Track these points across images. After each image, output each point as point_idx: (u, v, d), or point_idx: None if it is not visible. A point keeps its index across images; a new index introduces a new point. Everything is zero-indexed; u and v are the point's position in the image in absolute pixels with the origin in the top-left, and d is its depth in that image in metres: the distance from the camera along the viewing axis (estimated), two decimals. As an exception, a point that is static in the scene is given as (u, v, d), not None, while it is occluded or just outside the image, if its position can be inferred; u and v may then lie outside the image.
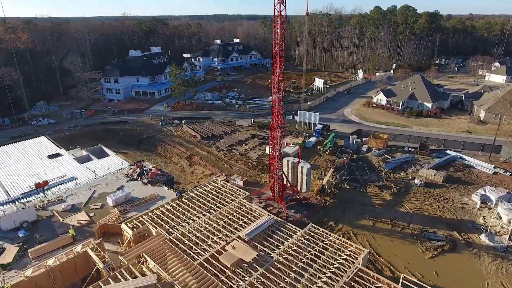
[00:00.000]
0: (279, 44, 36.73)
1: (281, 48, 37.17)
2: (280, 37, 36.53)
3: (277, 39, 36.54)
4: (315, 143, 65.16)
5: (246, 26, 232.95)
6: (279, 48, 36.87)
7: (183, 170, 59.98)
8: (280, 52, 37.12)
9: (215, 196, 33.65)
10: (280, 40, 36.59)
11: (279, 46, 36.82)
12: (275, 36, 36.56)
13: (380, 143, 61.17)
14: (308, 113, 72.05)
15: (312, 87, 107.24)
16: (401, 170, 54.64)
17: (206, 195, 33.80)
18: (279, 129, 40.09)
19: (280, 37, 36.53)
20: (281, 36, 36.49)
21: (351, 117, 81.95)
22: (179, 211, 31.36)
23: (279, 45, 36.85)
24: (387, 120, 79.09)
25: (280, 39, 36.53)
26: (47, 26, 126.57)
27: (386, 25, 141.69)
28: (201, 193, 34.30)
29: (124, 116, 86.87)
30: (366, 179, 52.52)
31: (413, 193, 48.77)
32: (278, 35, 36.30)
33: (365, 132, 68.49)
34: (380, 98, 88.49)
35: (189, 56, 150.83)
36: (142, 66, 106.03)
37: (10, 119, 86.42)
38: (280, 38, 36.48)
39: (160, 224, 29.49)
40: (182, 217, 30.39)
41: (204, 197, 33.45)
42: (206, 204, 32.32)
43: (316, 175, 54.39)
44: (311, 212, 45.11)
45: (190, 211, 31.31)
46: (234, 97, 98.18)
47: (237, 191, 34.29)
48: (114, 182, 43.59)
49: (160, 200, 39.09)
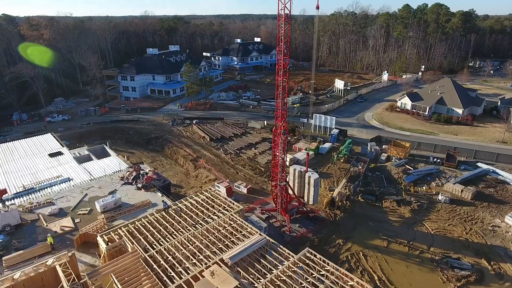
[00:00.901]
0: (283, 41, 32.86)
1: (285, 45, 33.28)
2: (285, 33, 32.66)
3: (281, 35, 32.68)
4: (329, 149, 60.53)
5: (269, 25, 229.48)
6: (283, 45, 32.99)
7: (187, 173, 57.27)
8: (284, 49, 33.23)
9: (206, 208, 30.33)
10: (284, 37, 32.71)
11: (283, 43, 32.93)
12: (279, 32, 32.73)
13: (401, 152, 55.68)
14: (324, 116, 67.40)
15: (332, 89, 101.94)
16: (423, 183, 49.11)
17: (195, 207, 30.56)
18: (282, 135, 36.17)
19: (285, 33, 32.66)
20: (286, 32, 32.61)
21: (371, 122, 76.34)
22: (162, 224, 28.28)
23: (283, 42, 32.98)
24: (412, 126, 72.90)
25: (285, 35, 32.66)
26: (70, 24, 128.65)
27: (416, 24, 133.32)
28: (191, 204, 31.10)
29: (137, 114, 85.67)
30: (383, 192, 47.52)
31: (436, 211, 43.34)
32: (283, 31, 32.43)
33: (385, 139, 63.03)
34: (405, 102, 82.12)
35: (209, 55, 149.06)
36: (159, 64, 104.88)
37: (28, 114, 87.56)
38: (284, 35, 32.61)
39: (139, 238, 26.50)
40: (164, 231, 27.27)
41: (193, 208, 30.23)
42: (193, 217, 29.07)
43: (328, 185, 49.96)
44: (318, 227, 40.91)
45: (175, 224, 28.14)
46: (249, 97, 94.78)
47: (230, 204, 30.79)
48: (108, 185, 41.32)
49: (151, 207, 36.31)
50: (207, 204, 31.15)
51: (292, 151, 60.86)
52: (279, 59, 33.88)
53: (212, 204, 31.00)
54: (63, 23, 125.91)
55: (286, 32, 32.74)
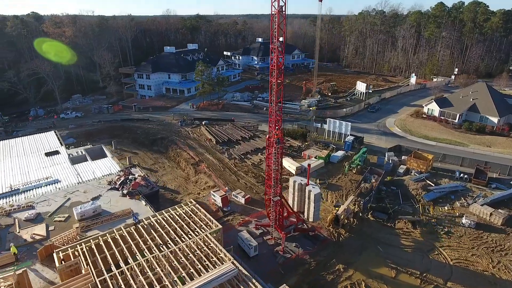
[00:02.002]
0: (277, 37, 28.71)
1: (280, 42, 29.13)
2: (279, 27, 28.51)
3: (275, 30, 28.56)
4: (342, 158, 55.37)
5: (296, 25, 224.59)
6: (277, 42, 28.85)
7: (187, 178, 54.33)
8: (278, 47, 29.10)
9: (180, 225, 26.89)
10: (278, 32, 28.56)
11: (277, 39, 28.78)
12: (273, 25, 28.63)
13: (422, 165, 49.61)
14: (338, 122, 62.16)
15: (353, 92, 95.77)
16: (445, 202, 43.05)
17: (169, 223, 27.18)
18: (276, 145, 31.99)
19: (279, 27, 28.51)
20: (280, 25, 28.45)
21: (393, 128, 69.99)
22: (127, 242, 25.12)
23: (277, 39, 28.84)
24: (438, 135, 65.94)
25: (279, 30, 28.51)
26: (94, 22, 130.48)
27: (450, 23, 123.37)
28: (165, 218, 27.76)
29: (148, 113, 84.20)
30: (397, 210, 42.08)
31: (457, 237, 37.44)
32: (277, 24, 28.28)
33: (406, 149, 56.93)
34: (432, 108, 74.90)
35: (229, 54, 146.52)
36: (175, 63, 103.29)
37: (45, 110, 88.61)
38: (279, 29, 28.46)
39: (97, 258, 23.46)
40: (126, 251, 24.06)
41: (166, 225, 26.87)
42: (163, 236, 25.69)
43: (335, 199, 45.11)
44: (318, 247, 36.37)
45: (140, 244, 24.88)
46: (264, 99, 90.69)
47: (208, 222, 27.11)
48: (94, 189, 38.98)
49: (131, 217, 33.32)
50: (183, 220, 27.68)
51: (301, 158, 56.38)
52: (272, 58, 29.72)
53: (188, 221, 27.50)
54: (87, 21, 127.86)
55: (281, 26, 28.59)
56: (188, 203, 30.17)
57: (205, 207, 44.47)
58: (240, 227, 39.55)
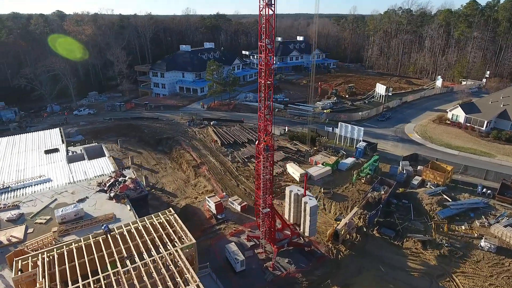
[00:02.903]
0: (265, 34, 25.86)
1: (270, 39, 26.27)
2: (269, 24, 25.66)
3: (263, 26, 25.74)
4: (352, 166, 51.57)
5: (320, 24, 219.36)
6: (265, 40, 26.00)
7: (187, 180, 52.44)
8: (266, 44, 26.25)
9: (152, 238, 24.66)
10: (266, 27, 25.70)
11: (266, 36, 25.93)
12: (261, 20, 25.81)
13: (440, 177, 44.95)
14: (350, 126, 58.16)
15: (372, 94, 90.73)
16: (463, 220, 38.49)
17: (141, 234, 25.03)
18: (264, 152, 29.10)
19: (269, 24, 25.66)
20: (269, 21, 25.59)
21: (412, 135, 64.97)
22: (91, 254, 23.17)
23: (265, 36, 25.99)
24: (462, 143, 60.40)
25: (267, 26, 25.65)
26: (114, 20, 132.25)
27: (483, 23, 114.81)
28: (137, 229, 25.63)
29: (159, 112, 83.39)
30: (406, 227, 38.05)
31: (474, 262, 33.04)
32: (265, 19, 25.43)
33: (423, 158, 52.24)
34: (457, 114, 69.05)
35: (248, 53, 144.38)
36: (189, 62, 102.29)
37: (61, 107, 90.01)
38: (267, 24, 25.61)
39: (56, 271, 21.63)
40: (85, 266, 22.10)
41: (137, 236, 24.72)
42: (131, 249, 23.54)
43: (338, 211, 41.58)
44: (313, 265, 33.16)
45: (104, 256, 22.87)
46: (278, 99, 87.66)
47: (183, 236, 24.67)
48: (83, 191, 37.69)
49: (114, 222, 31.58)
50: (156, 231, 25.44)
51: (307, 164, 53.06)
52: (261, 57, 26.89)
53: (161, 233, 25.21)
54: (108, 20, 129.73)
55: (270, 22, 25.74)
56: (167, 212, 27.94)
57: (199, 214, 42.44)
58: (231, 237, 37.01)
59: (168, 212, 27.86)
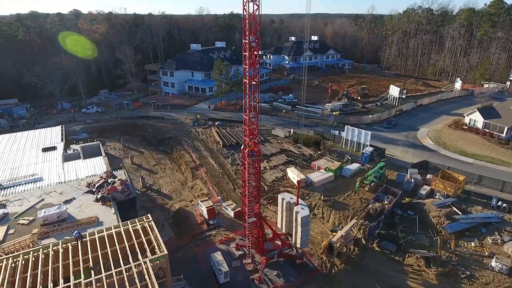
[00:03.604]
0: (248, 31, 23.85)
1: (254, 36, 24.27)
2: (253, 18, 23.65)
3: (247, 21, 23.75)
4: (356, 172, 48.85)
5: (337, 24, 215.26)
6: (249, 36, 24.01)
7: (185, 182, 51.09)
8: (250, 42, 24.27)
9: (123, 246, 23.16)
10: (252, 23, 23.71)
11: (249, 33, 23.93)
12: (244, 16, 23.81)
13: (450, 187, 41.64)
14: (357, 129, 55.27)
15: (385, 96, 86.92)
16: (473, 236, 35.29)
17: (112, 242, 23.57)
18: (250, 158, 27.10)
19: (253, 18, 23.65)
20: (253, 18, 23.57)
21: (424, 140, 61.29)
22: (55, 262, 21.88)
23: (249, 32, 23.99)
24: (478, 151, 56.37)
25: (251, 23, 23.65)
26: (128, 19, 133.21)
27: (508, 23, 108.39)
28: (110, 236, 24.20)
29: (166, 111, 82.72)
30: (410, 241, 35.21)
31: (483, 283, 29.99)
32: (248, 14, 23.42)
33: (434, 166, 48.82)
34: (475, 119, 64.77)
35: (261, 53, 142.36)
36: (199, 61, 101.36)
37: (71, 104, 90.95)
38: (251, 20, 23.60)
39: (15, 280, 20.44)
40: (50, 274, 20.78)
41: (108, 245, 23.26)
42: (97, 258, 22.10)
43: (337, 220, 39.10)
44: (303, 279, 30.94)
45: (66, 267, 21.51)
46: (286, 100, 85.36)
47: (156, 247, 23.01)
48: (71, 191, 36.80)
49: (96, 226, 30.38)
50: (129, 239, 23.94)
51: (309, 169, 50.68)
52: (245, 56, 24.93)
53: (134, 242, 23.66)
54: (122, 19, 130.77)
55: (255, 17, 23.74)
56: (144, 218, 26.41)
57: (191, 218, 40.93)
58: (220, 244, 35.23)
59: (146, 218, 26.33)
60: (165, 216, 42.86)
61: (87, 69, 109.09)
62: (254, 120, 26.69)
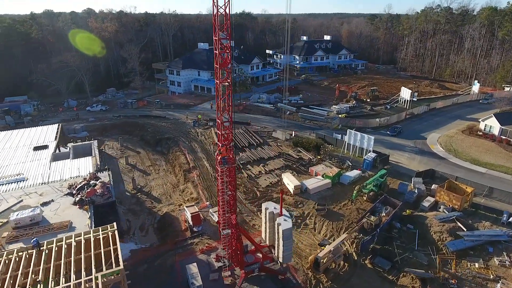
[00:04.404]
0: (217, 26, 21.67)
1: (225, 32, 22.09)
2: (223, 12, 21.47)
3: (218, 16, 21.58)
4: (356, 179, 45.92)
5: (353, 24, 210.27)
6: (219, 32, 21.86)
7: (176, 185, 49.45)
8: (220, 38, 22.11)
9: (79, 258, 21.51)
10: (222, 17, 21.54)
11: (219, 29, 21.76)
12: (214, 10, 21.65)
13: (456, 199, 38.22)
14: (360, 134, 52.19)
15: (396, 99, 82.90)
16: (478, 256, 31.93)
17: (70, 252, 21.98)
18: (222, 166, 24.94)
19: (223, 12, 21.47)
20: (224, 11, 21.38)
21: (433, 147, 57.49)
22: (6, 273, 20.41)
23: (218, 29, 21.81)
24: (492, 159, 52.23)
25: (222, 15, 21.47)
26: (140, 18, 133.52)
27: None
28: (69, 245, 22.63)
29: (169, 110, 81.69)
30: (407, 258, 32.21)
31: (484, 312, 26.73)
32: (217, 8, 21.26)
33: (441, 175, 45.30)
34: (491, 125, 60.36)
35: (271, 53, 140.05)
36: (206, 60, 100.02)
37: (78, 102, 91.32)
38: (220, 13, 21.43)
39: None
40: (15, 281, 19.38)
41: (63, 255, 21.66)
42: (49, 270, 20.53)
43: (329, 232, 36.44)
44: (285, 297, 28.53)
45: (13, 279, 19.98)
46: (292, 101, 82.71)
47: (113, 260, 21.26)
48: (51, 192, 35.78)
49: (68, 231, 29.03)
50: (87, 250, 22.30)
51: (307, 175, 48.10)
52: (216, 54, 22.83)
53: (91, 253, 21.98)
54: (134, 17, 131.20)
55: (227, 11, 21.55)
56: (108, 227, 24.73)
57: (175, 224, 39.20)
58: (201, 254, 33.27)
59: (110, 227, 24.65)
60: (151, 221, 41.30)
61: (96, 67, 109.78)
62: (228, 124, 24.54)
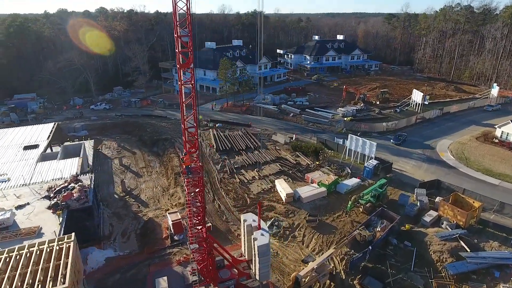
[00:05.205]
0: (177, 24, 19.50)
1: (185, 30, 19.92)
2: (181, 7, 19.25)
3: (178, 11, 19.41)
4: (355, 188, 42.91)
5: (371, 24, 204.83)
6: (178, 29, 19.69)
7: (167, 189, 47.70)
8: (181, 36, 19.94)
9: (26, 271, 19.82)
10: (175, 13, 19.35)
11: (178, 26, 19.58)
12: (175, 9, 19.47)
13: (461, 216, 34.70)
14: (361, 139, 48.98)
15: (407, 102, 78.65)
16: (482, 281, 28.55)
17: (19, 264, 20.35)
18: (186, 176, 22.74)
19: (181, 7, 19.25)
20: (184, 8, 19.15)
21: (443, 154, 53.53)
22: None
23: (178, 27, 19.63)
24: (508, 170, 47.93)
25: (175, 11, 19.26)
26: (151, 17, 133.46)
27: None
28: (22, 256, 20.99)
29: (171, 110, 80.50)
30: (400, 280, 29.17)
31: None
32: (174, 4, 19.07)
33: (447, 186, 41.64)
34: (508, 132, 55.81)
35: (282, 52, 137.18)
36: (212, 59, 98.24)
37: (84, 100, 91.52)
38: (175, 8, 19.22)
39: None
40: None
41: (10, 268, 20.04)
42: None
43: (318, 247, 33.73)
44: (260, 318, 26.13)
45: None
46: (297, 103, 79.85)
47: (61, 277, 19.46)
48: (28, 195, 34.60)
49: (35, 238, 27.61)
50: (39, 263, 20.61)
51: (302, 182, 45.43)
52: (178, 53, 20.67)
53: (39, 267, 20.26)
54: (144, 16, 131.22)
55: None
56: (65, 238, 23.05)
57: (157, 231, 37.43)
58: (177, 266, 31.25)
59: (67, 238, 22.96)
60: (135, 226, 39.58)
61: (105, 66, 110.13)
62: (193, 130, 22.38)
